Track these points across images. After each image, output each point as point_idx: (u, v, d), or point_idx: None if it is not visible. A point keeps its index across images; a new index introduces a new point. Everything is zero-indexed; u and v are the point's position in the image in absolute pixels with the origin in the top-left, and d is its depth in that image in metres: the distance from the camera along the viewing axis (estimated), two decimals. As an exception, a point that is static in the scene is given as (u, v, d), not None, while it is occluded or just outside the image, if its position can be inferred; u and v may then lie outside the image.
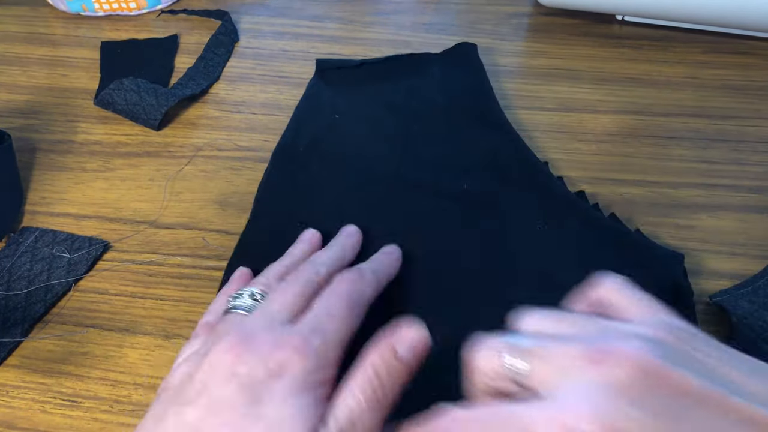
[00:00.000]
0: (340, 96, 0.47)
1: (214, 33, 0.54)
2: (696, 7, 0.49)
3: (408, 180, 0.40)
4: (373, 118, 0.45)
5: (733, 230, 0.38)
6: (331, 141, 0.43)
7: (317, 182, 0.41)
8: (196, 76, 0.50)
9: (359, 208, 0.39)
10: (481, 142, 0.42)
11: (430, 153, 0.42)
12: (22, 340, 0.34)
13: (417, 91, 0.47)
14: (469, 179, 0.39)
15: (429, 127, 0.44)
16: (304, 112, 0.46)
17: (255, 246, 0.38)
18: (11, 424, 0.31)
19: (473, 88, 0.46)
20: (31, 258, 0.38)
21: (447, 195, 0.39)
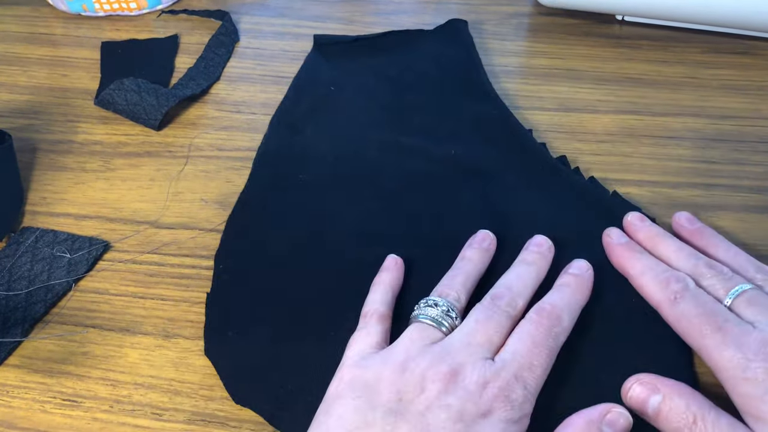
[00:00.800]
0: (336, 69, 0.49)
1: (215, 33, 0.54)
2: (695, 7, 0.49)
3: (401, 145, 0.42)
4: (367, 88, 0.47)
5: (733, 230, 0.38)
6: (327, 110, 0.46)
7: (314, 146, 0.43)
8: (196, 76, 0.50)
9: (354, 169, 0.41)
10: (469, 111, 0.44)
11: (422, 121, 0.44)
12: (23, 340, 0.34)
13: (410, 64, 0.49)
14: (457, 145, 0.42)
15: (421, 98, 0.46)
16: (302, 83, 0.48)
17: (255, 205, 0.40)
18: (11, 423, 0.31)
19: (463, 62, 0.49)
20: (32, 258, 0.38)
21: (436, 159, 0.41)
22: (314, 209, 0.39)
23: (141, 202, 0.41)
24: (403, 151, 0.42)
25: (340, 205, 0.39)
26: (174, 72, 0.52)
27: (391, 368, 0.28)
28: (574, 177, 0.40)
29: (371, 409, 0.27)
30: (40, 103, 0.49)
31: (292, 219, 0.39)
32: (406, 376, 0.28)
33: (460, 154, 0.41)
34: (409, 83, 0.47)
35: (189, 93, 0.48)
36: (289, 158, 0.42)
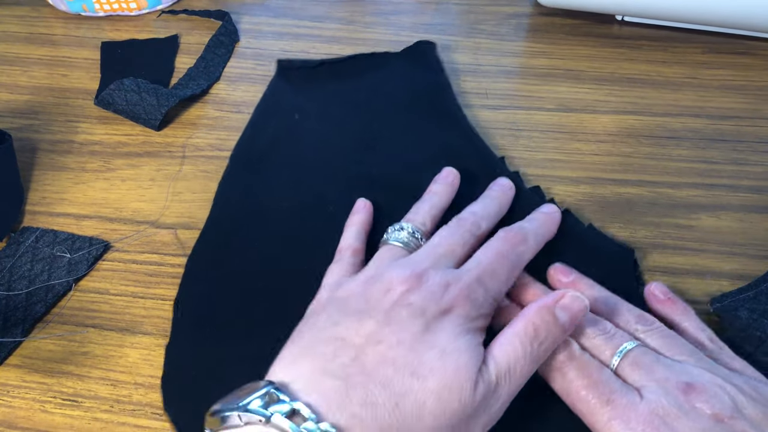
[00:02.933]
0: (301, 95, 0.47)
1: (215, 33, 0.54)
2: (695, 7, 0.49)
3: (367, 175, 0.41)
4: (333, 116, 0.46)
5: (733, 230, 0.38)
6: (291, 140, 0.44)
7: (276, 182, 0.41)
8: (196, 76, 0.50)
9: (319, 206, 0.40)
10: (439, 138, 0.43)
11: (389, 150, 0.43)
12: (23, 339, 0.34)
13: (377, 90, 0.47)
14: (426, 175, 0.40)
15: (389, 125, 0.45)
16: (264, 112, 0.47)
17: (214, 247, 0.38)
18: (12, 423, 0.31)
19: (432, 87, 0.47)
20: (32, 258, 0.38)
21: (404, 189, 0.39)
22: (277, 251, 0.37)
23: (141, 202, 0.41)
24: (371, 181, 0.41)
25: (305, 246, 0.37)
26: (174, 72, 0.52)
27: (362, 282, 0.30)
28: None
29: (341, 314, 0.29)
30: (40, 103, 0.49)
31: (254, 262, 0.37)
32: (375, 285, 0.30)
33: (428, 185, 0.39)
34: (376, 110, 0.46)
35: (189, 93, 0.48)
36: (249, 196, 0.40)
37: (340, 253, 0.35)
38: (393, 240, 0.33)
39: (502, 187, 0.38)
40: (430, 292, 0.29)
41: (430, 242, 0.33)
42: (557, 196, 0.40)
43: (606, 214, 0.39)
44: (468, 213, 0.35)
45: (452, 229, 0.33)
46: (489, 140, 0.44)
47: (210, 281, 0.36)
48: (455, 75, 0.50)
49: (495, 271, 0.30)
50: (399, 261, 0.31)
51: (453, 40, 0.53)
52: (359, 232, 0.36)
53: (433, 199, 0.36)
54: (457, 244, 0.32)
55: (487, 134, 0.45)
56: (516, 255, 0.32)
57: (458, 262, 0.32)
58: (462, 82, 0.49)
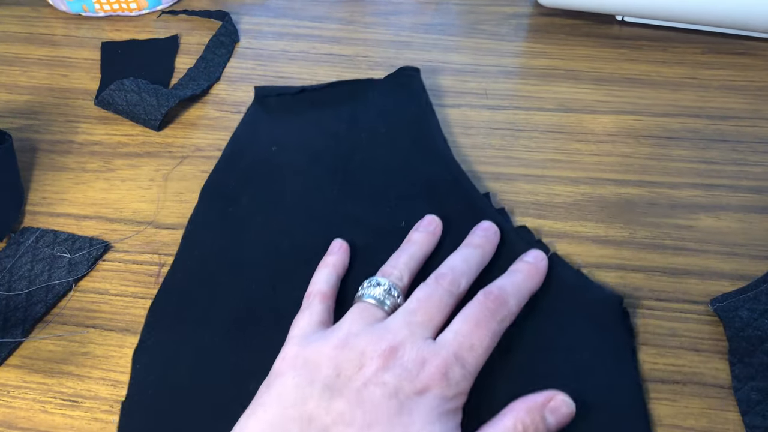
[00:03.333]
0: (279, 126, 0.45)
1: (215, 34, 0.54)
2: (695, 7, 0.49)
3: (346, 216, 0.39)
4: (312, 149, 0.43)
5: (733, 230, 0.38)
6: (267, 176, 0.42)
7: (250, 219, 0.39)
8: (196, 76, 0.50)
9: (294, 246, 0.37)
10: (422, 174, 0.41)
11: (370, 186, 0.40)
12: (23, 340, 0.34)
13: (358, 121, 0.45)
14: (407, 215, 0.38)
15: (370, 158, 0.42)
16: (239, 143, 0.44)
17: (180, 293, 0.36)
18: (12, 424, 0.31)
19: (415, 116, 0.45)
20: (32, 258, 0.38)
21: (384, 232, 0.37)
22: (248, 296, 0.35)
23: (141, 202, 0.41)
24: (350, 222, 0.38)
25: (275, 293, 0.35)
26: (174, 72, 0.52)
27: (331, 345, 0.29)
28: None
29: (309, 385, 0.27)
30: (40, 104, 0.49)
31: (222, 309, 0.35)
32: (346, 352, 0.28)
33: (410, 226, 0.37)
34: (357, 142, 0.43)
35: (189, 93, 0.48)
36: (221, 236, 0.38)
37: (308, 298, 0.33)
38: (368, 297, 0.31)
39: (485, 232, 0.35)
40: (406, 370, 0.27)
41: (406, 307, 0.30)
42: (557, 196, 0.40)
43: (606, 214, 0.39)
44: (447, 268, 0.32)
45: (430, 289, 0.31)
46: (490, 140, 0.44)
47: (171, 333, 0.34)
48: (456, 75, 0.50)
49: (473, 345, 0.29)
50: (374, 327, 0.29)
51: (453, 40, 0.53)
52: (330, 275, 0.34)
53: (412, 249, 0.35)
54: (434, 310, 0.30)
55: (488, 134, 0.45)
56: (496, 322, 0.30)
57: (436, 330, 0.30)
58: (462, 82, 0.49)
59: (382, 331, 0.29)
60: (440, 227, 0.36)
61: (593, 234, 0.38)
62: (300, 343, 0.30)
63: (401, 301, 0.32)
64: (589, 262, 0.37)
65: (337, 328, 0.30)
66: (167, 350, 0.33)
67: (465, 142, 0.44)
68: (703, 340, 0.33)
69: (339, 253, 0.36)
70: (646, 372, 0.32)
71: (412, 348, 0.28)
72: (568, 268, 0.35)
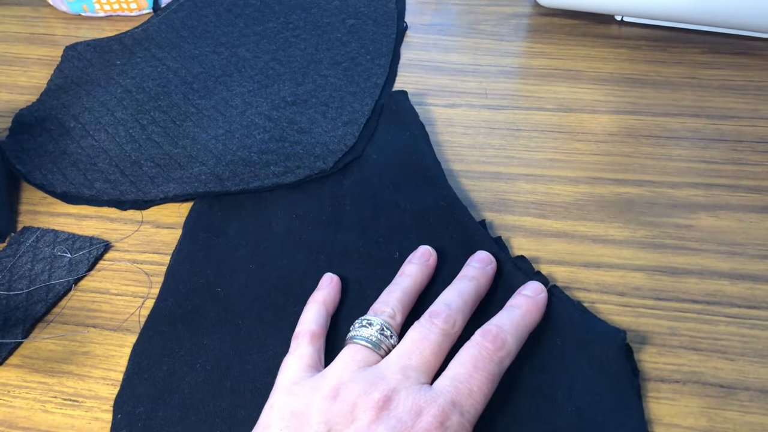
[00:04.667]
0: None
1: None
2: (695, 7, 0.49)
3: (337, 246, 0.37)
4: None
5: (733, 230, 0.38)
6: (254, 203, 0.40)
7: (235, 251, 0.37)
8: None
9: (283, 280, 0.36)
10: (415, 201, 0.39)
11: (362, 215, 0.39)
12: (23, 341, 0.34)
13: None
14: (401, 245, 0.36)
15: (361, 186, 0.40)
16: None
17: (165, 326, 0.34)
18: (12, 423, 0.31)
19: (407, 142, 0.43)
20: (33, 258, 0.38)
21: (377, 263, 0.36)
22: (235, 335, 0.33)
23: (141, 202, 0.41)
24: (341, 253, 0.37)
25: (267, 330, 0.34)
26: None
27: (321, 395, 0.27)
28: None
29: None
30: (41, 104, 0.49)
31: (208, 351, 0.33)
32: (337, 404, 0.27)
33: (404, 257, 0.35)
34: (347, 170, 0.42)
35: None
36: (207, 271, 0.36)
37: (297, 339, 0.31)
38: (359, 338, 0.30)
39: (481, 263, 0.34)
40: (400, 422, 0.26)
41: (400, 349, 0.29)
42: (557, 195, 0.40)
43: (605, 214, 0.39)
44: (442, 305, 0.31)
45: (424, 330, 0.30)
46: (489, 139, 0.44)
47: (154, 382, 0.32)
48: (456, 75, 0.50)
49: (471, 390, 0.27)
50: (366, 373, 0.28)
51: (453, 41, 0.53)
52: (320, 312, 0.32)
53: (405, 282, 0.33)
54: (429, 352, 0.29)
55: (488, 134, 0.45)
56: (495, 364, 0.29)
57: (431, 374, 0.29)
58: (462, 82, 0.49)
59: (374, 378, 0.27)
60: (435, 258, 0.35)
61: (593, 233, 0.38)
62: (288, 391, 0.28)
63: (395, 341, 0.30)
64: (589, 262, 0.37)
65: (328, 374, 0.28)
66: (150, 397, 0.31)
67: (465, 142, 0.44)
68: (703, 339, 0.33)
69: (329, 288, 0.34)
70: (647, 371, 0.32)
71: (407, 396, 0.27)
72: (569, 301, 0.34)
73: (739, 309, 0.34)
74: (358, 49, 0.50)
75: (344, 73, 0.48)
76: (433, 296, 0.32)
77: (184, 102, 0.47)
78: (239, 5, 0.56)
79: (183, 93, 0.47)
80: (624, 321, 0.34)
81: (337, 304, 0.34)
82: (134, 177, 0.42)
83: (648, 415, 0.30)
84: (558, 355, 0.31)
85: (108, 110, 0.46)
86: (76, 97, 0.48)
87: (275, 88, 0.47)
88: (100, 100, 0.47)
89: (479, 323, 0.31)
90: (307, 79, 0.48)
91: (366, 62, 0.49)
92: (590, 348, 0.32)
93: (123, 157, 0.43)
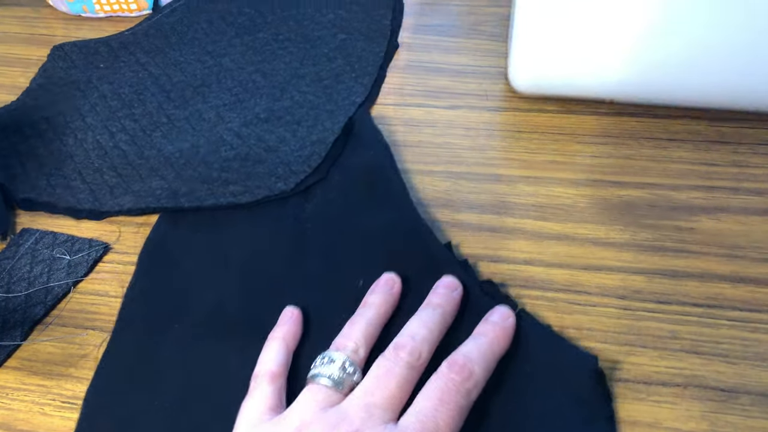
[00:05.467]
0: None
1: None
2: (692, 90, 0.42)
3: (298, 275, 0.36)
4: (261, 201, 0.40)
5: (734, 233, 0.38)
6: (212, 232, 0.38)
7: (194, 285, 0.35)
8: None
9: (242, 314, 0.34)
10: (378, 225, 0.37)
11: (324, 242, 0.37)
12: (22, 343, 0.34)
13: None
14: (365, 272, 0.34)
15: (322, 210, 0.39)
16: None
17: (120, 366, 0.33)
18: (11, 426, 0.31)
19: (369, 162, 0.41)
20: (31, 260, 0.38)
21: (340, 292, 0.34)
22: (193, 375, 0.32)
23: (141, 203, 0.41)
24: (302, 283, 0.35)
25: (224, 367, 0.32)
26: (174, 73, 0.52)
27: None
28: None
29: None
30: (40, 105, 0.49)
31: (165, 393, 0.32)
32: None
33: (368, 286, 0.34)
34: (308, 193, 0.40)
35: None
36: (163, 306, 0.35)
37: (256, 379, 0.30)
38: (321, 377, 0.29)
39: (446, 289, 0.33)
40: None
41: (363, 386, 0.28)
42: (557, 198, 0.40)
43: (606, 216, 0.39)
44: (407, 337, 0.30)
45: (389, 364, 0.29)
46: (490, 141, 0.44)
47: (110, 423, 0.31)
48: (456, 76, 0.49)
49: (438, 425, 0.26)
50: (329, 414, 0.27)
51: (453, 41, 0.53)
52: (280, 350, 0.31)
53: (368, 313, 0.32)
54: (394, 387, 0.28)
55: (488, 135, 0.45)
56: (462, 396, 0.28)
57: (397, 410, 0.28)
58: (462, 84, 0.49)
59: (337, 420, 0.27)
60: (399, 286, 0.34)
61: (594, 236, 0.38)
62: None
63: (358, 378, 0.29)
64: (590, 264, 0.36)
65: (288, 416, 0.28)
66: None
67: (465, 144, 0.44)
68: (705, 342, 0.33)
69: (289, 324, 0.33)
70: (648, 375, 0.32)
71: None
72: (539, 325, 0.33)
73: (740, 312, 0.34)
74: (344, 66, 0.49)
75: (324, 91, 0.47)
76: (398, 325, 0.31)
77: (158, 111, 0.46)
78: (233, 13, 0.55)
79: (158, 101, 0.47)
80: (625, 324, 0.34)
81: (298, 340, 0.32)
82: (94, 185, 0.41)
83: (649, 419, 0.30)
84: (528, 382, 0.30)
85: (80, 115, 0.46)
86: (53, 99, 0.48)
87: (252, 103, 0.46)
88: (75, 104, 0.47)
89: (447, 352, 0.30)
90: (286, 94, 0.47)
91: (349, 80, 0.48)
92: (562, 374, 0.30)
93: (87, 164, 0.43)
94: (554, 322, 0.34)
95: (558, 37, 0.41)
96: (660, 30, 0.39)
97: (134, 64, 0.50)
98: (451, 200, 0.40)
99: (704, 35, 0.39)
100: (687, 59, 0.41)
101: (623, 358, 0.32)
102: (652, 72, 0.42)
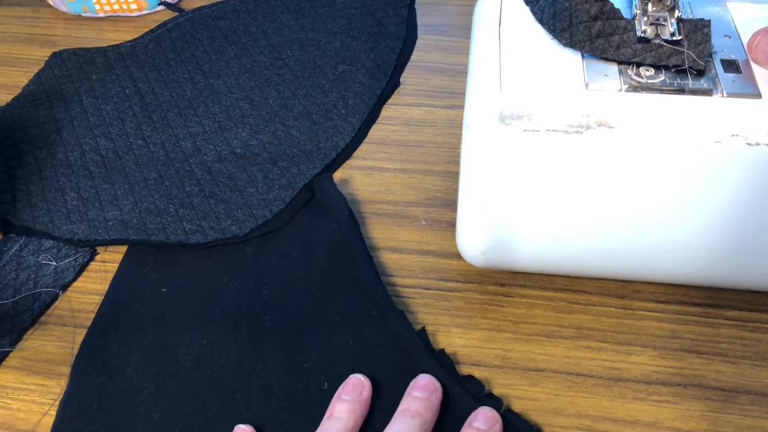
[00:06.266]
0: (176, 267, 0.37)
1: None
2: (658, 269, 0.33)
3: (254, 381, 0.32)
4: (210, 287, 0.36)
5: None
6: (156, 331, 0.34)
7: (135, 396, 0.32)
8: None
9: (194, 429, 0.30)
10: (344, 313, 0.34)
11: (283, 336, 0.33)
12: (11, 349, 0.34)
13: (266, 246, 0.38)
14: (329, 373, 0.32)
15: (281, 296, 0.35)
16: (121, 287, 0.36)
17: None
18: (11, 425, 0.31)
19: (333, 237, 0.37)
20: (17, 266, 0.37)
21: (303, 398, 0.31)
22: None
23: (141, 203, 0.41)
24: (259, 390, 0.32)
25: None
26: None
27: None
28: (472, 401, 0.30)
29: None
30: (41, 105, 0.49)
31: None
32: None
33: (333, 390, 0.31)
34: (264, 274, 0.36)
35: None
36: (99, 424, 0.31)
37: None
38: None
39: (424, 393, 0.29)
40: None
41: None
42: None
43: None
44: None
45: None
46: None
47: None
48: (456, 76, 0.49)
49: None
50: None
51: (453, 41, 0.53)
52: None
53: (336, 427, 0.28)
54: None
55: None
56: None
57: None
58: (462, 83, 0.49)
59: None
60: (369, 390, 0.30)
61: (594, 236, 0.38)
62: None
63: None
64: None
65: None
66: None
67: (465, 144, 0.44)
68: (704, 342, 0.33)
69: None
70: (648, 374, 0.32)
71: None
72: (527, 426, 0.30)
73: (740, 312, 0.34)
74: (336, 101, 0.46)
75: (310, 127, 0.45)
76: (372, 428, 0.29)
77: (135, 132, 0.44)
78: (239, 32, 0.53)
79: (138, 121, 0.45)
80: (625, 324, 0.34)
81: None
82: (53, 206, 0.40)
83: (649, 419, 0.30)
84: None
85: (57, 128, 0.45)
86: (36, 109, 0.47)
87: (232, 133, 0.44)
88: (56, 116, 0.46)
89: None
90: (270, 126, 0.45)
91: (338, 118, 0.45)
92: None
93: (52, 182, 0.41)
94: (554, 321, 0.34)
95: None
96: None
97: (126, 78, 0.49)
98: (451, 200, 0.40)
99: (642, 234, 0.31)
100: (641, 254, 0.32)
101: (623, 358, 0.32)
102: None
